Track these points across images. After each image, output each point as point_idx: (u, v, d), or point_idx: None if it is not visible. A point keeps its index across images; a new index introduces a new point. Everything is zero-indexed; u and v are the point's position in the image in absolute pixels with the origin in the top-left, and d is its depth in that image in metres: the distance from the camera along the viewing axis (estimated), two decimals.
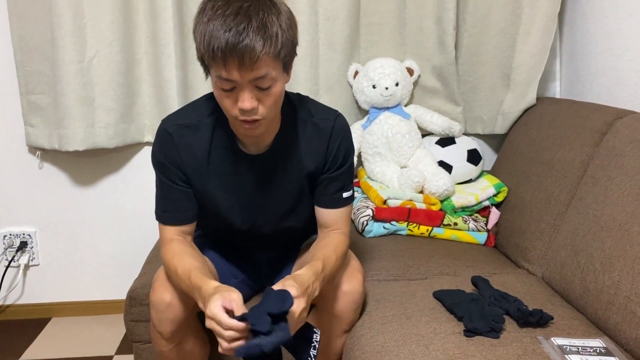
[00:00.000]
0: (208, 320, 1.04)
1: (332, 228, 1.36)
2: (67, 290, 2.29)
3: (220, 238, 1.49)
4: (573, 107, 1.80)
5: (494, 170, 2.13)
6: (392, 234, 1.89)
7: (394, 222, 1.87)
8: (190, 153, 1.28)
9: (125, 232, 2.24)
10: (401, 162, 2.05)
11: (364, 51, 2.10)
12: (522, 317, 1.25)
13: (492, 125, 2.16)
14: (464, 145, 2.06)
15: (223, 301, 1.04)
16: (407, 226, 1.88)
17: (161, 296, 1.27)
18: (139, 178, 2.20)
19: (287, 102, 1.28)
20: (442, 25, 2.02)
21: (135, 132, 2.10)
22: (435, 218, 1.87)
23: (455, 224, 1.88)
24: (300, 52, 1.20)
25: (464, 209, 1.92)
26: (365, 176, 2.08)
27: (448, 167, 2.01)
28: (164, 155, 1.28)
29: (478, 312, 1.26)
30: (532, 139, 1.88)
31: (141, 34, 2.02)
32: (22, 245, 2.21)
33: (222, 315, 1.02)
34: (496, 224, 1.92)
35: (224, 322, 1.02)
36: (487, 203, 1.93)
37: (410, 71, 2.07)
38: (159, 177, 1.31)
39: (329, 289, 1.30)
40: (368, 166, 2.08)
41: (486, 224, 1.91)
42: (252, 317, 1.01)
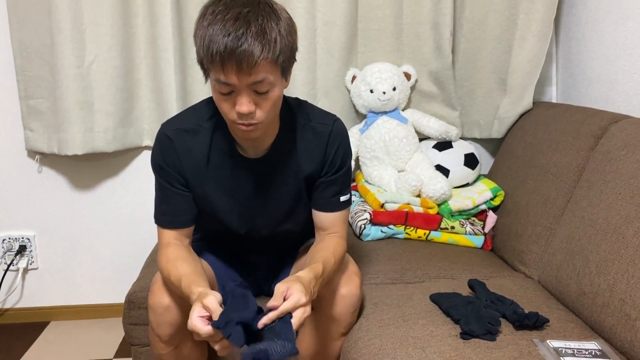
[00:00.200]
0: (192, 333, 1.07)
1: (329, 231, 1.37)
2: (65, 294, 2.29)
3: (218, 241, 1.50)
4: (569, 111, 1.81)
5: (490, 174, 2.14)
6: (390, 238, 1.90)
7: (391, 226, 1.88)
8: (190, 157, 1.29)
9: (124, 235, 2.25)
10: (398, 166, 2.06)
11: (362, 56, 2.11)
12: (518, 320, 1.26)
13: (488, 129, 2.17)
14: (461, 149, 2.07)
15: (199, 311, 1.06)
16: (405, 230, 1.89)
17: (159, 299, 1.28)
18: (137, 182, 2.20)
19: (285, 107, 1.29)
20: (439, 31, 2.04)
21: (134, 136, 2.11)
22: (432, 222, 1.88)
23: (453, 227, 1.88)
24: (298, 56, 1.22)
25: (461, 212, 1.92)
26: (362, 180, 2.09)
27: (445, 171, 2.01)
28: (164, 159, 1.29)
29: (474, 315, 1.27)
30: (529, 143, 1.90)
31: (140, 39, 2.03)
32: (21, 249, 2.21)
33: (199, 327, 1.05)
34: (493, 228, 1.92)
35: (202, 333, 1.04)
36: (484, 207, 1.94)
37: (407, 76, 2.08)
38: (158, 181, 1.32)
39: (326, 292, 1.31)
40: (366, 170, 2.08)
41: (483, 228, 1.91)
42: (224, 328, 1.02)
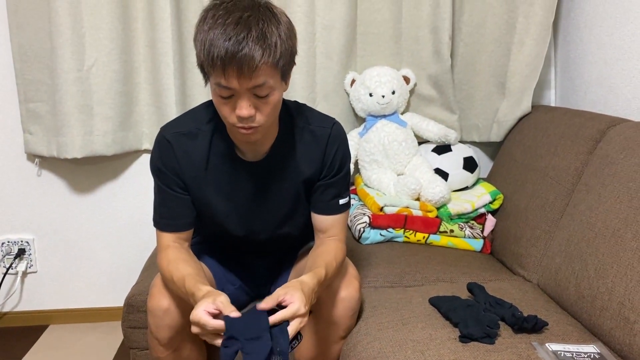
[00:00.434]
0: (192, 326, 1.06)
1: (328, 234, 1.37)
2: (64, 297, 2.29)
3: (217, 245, 1.50)
4: (567, 115, 1.81)
5: (489, 177, 2.15)
6: (389, 241, 1.90)
7: (390, 229, 1.88)
8: (189, 160, 1.29)
9: (123, 239, 2.25)
10: (398, 170, 2.06)
11: (361, 60, 2.11)
12: (517, 323, 1.26)
13: (487, 133, 2.17)
14: (460, 152, 2.07)
15: (207, 305, 1.05)
16: (404, 233, 1.89)
17: (158, 303, 1.28)
18: (137, 185, 2.20)
19: (284, 110, 1.30)
20: (438, 35, 2.04)
21: (133, 140, 2.12)
22: (431, 225, 1.88)
23: (452, 231, 1.89)
24: (297, 60, 1.22)
25: (460, 216, 1.93)
26: (362, 183, 2.09)
27: (444, 175, 2.02)
28: (163, 163, 1.29)
29: (473, 318, 1.27)
30: (527, 147, 1.90)
31: (140, 43, 2.04)
32: (20, 252, 2.21)
33: (205, 319, 1.04)
34: (492, 231, 1.93)
35: (208, 325, 1.04)
36: (483, 210, 1.94)
37: (406, 79, 2.09)
38: (157, 184, 1.32)
39: (325, 295, 1.31)
40: (365, 173, 2.09)
41: (482, 231, 1.92)
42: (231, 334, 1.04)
